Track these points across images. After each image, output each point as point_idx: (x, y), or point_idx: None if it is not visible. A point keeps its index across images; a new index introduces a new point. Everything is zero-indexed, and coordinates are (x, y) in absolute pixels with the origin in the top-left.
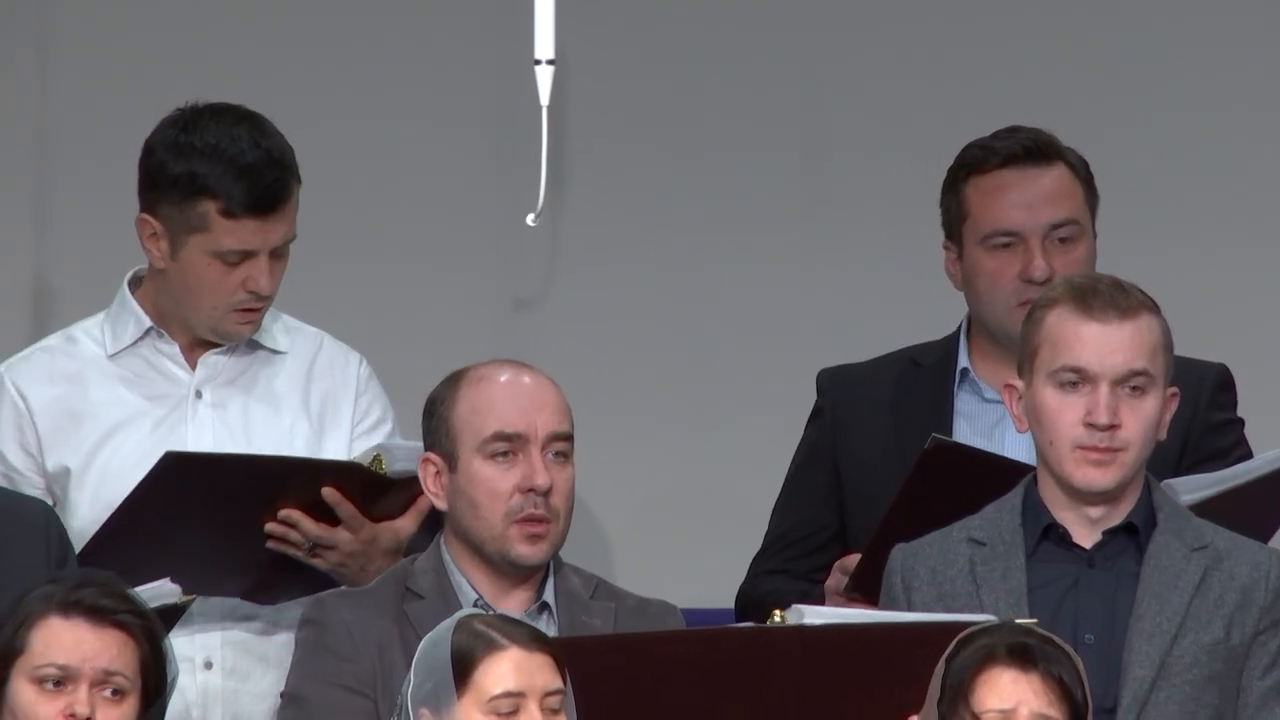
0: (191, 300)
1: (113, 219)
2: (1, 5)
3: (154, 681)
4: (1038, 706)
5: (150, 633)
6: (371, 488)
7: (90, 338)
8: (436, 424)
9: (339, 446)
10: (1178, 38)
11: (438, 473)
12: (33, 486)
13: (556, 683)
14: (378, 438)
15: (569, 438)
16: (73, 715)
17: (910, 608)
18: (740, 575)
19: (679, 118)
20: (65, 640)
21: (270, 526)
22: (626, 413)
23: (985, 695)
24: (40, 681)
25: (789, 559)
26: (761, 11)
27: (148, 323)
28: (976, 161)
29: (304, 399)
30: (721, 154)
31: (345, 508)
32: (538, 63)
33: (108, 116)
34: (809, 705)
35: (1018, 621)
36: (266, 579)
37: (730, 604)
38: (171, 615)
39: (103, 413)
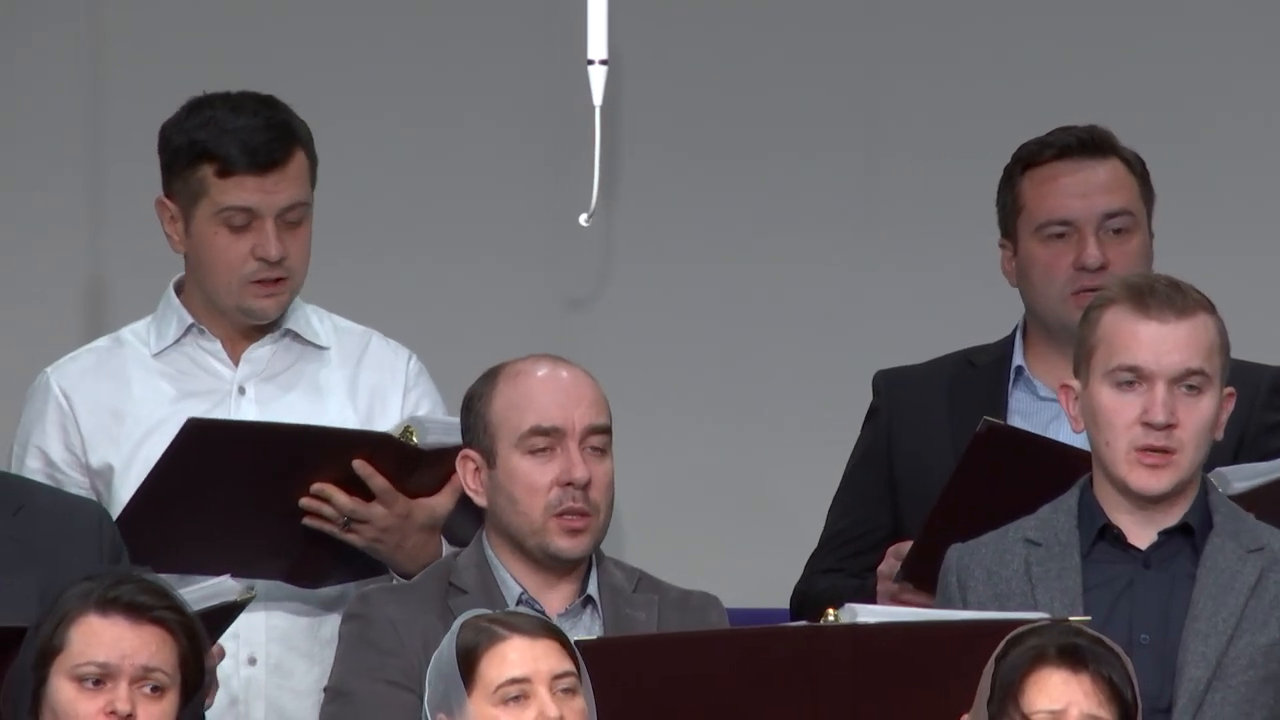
0: (209, 276)
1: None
2: (55, 4)
3: (193, 677)
4: (1088, 707)
5: (188, 628)
6: (405, 461)
7: (136, 338)
8: (474, 420)
9: None
10: (1238, 44)
11: (477, 469)
12: (76, 485)
13: (565, 665)
14: None
15: (607, 431)
16: (113, 713)
17: (966, 607)
18: (790, 575)
19: (732, 118)
20: (104, 638)
21: (304, 501)
22: (678, 412)
23: (1035, 696)
24: (80, 680)
25: (844, 557)
26: (816, 11)
27: (189, 320)
28: (1031, 155)
29: (350, 392)
30: (774, 154)
31: (377, 480)
32: (591, 63)
33: (161, 115)
34: (862, 704)
35: (1068, 620)
36: (307, 559)
37: (778, 604)
38: (232, 611)
39: (145, 410)
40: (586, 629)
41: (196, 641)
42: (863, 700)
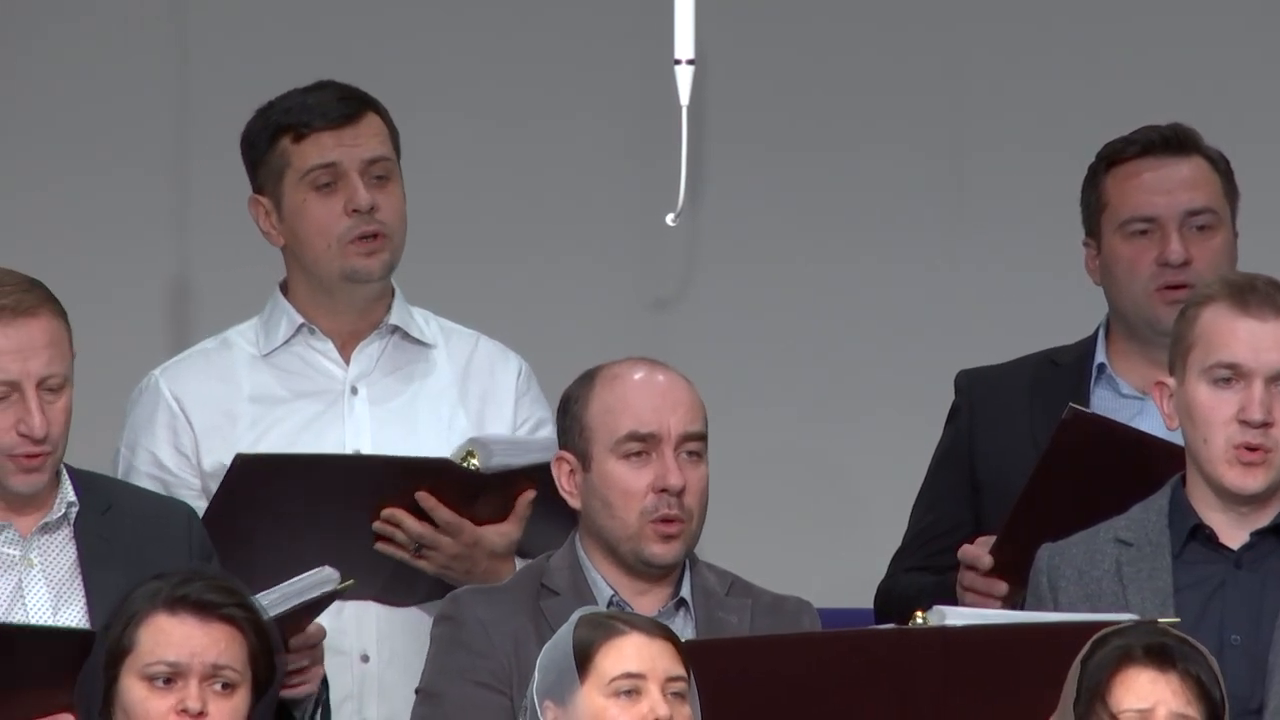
0: (308, 248)
1: (250, 221)
2: (142, 7)
3: (264, 673)
4: (1176, 706)
5: (257, 624)
6: (468, 486)
7: (244, 339)
8: (570, 423)
9: None
10: None
11: (571, 471)
12: (187, 487)
13: (678, 669)
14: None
15: (702, 437)
16: (184, 711)
17: (1057, 607)
18: (875, 573)
19: (818, 117)
20: (173, 637)
21: (376, 526)
22: (765, 411)
23: (1123, 695)
24: (150, 679)
25: (927, 556)
26: (902, 9)
27: (299, 320)
28: (1115, 153)
29: (461, 394)
30: (861, 153)
31: (441, 513)
32: (678, 63)
33: (246, 118)
34: (951, 706)
35: (1157, 621)
36: (396, 579)
37: (864, 603)
38: (330, 599)
39: (258, 411)
40: (679, 632)
41: (266, 637)
42: (952, 702)
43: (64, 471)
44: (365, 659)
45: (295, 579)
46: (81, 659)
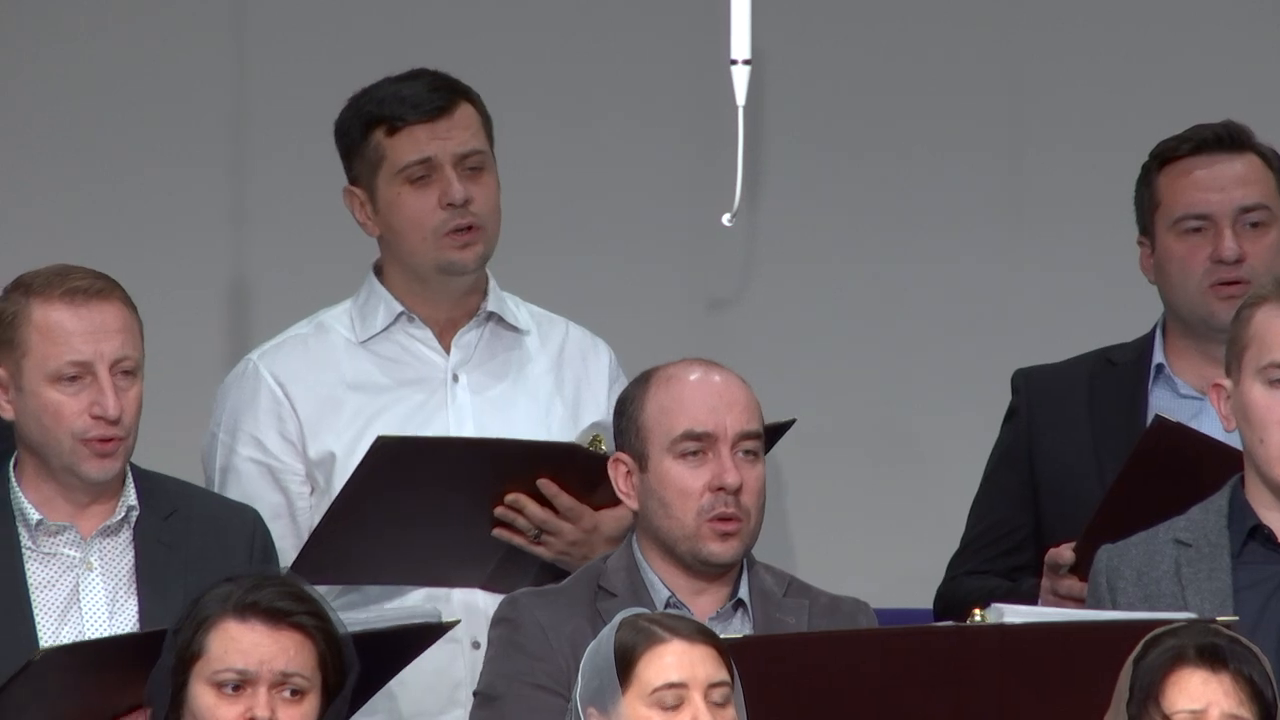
0: (404, 241)
1: (309, 215)
2: (200, 9)
3: (334, 678)
4: (1228, 707)
5: (327, 631)
6: (592, 470)
7: (340, 325)
8: (627, 424)
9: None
10: None
11: (628, 472)
12: (293, 473)
13: (721, 675)
14: None
15: (759, 436)
16: (253, 718)
17: (1115, 608)
18: (932, 574)
19: (874, 117)
20: (242, 644)
21: (499, 511)
22: (820, 411)
23: (1176, 696)
24: (219, 685)
25: (987, 559)
26: (959, 9)
27: (398, 308)
28: (1168, 151)
29: (558, 382)
30: (917, 154)
31: (563, 499)
32: (734, 63)
33: (305, 117)
34: (1008, 704)
35: (1211, 620)
36: (503, 568)
37: (921, 604)
38: (434, 632)
39: (362, 399)
40: (737, 634)
41: (335, 644)
42: (1009, 700)
43: (129, 472)
44: (476, 645)
45: (396, 605)
46: (152, 659)
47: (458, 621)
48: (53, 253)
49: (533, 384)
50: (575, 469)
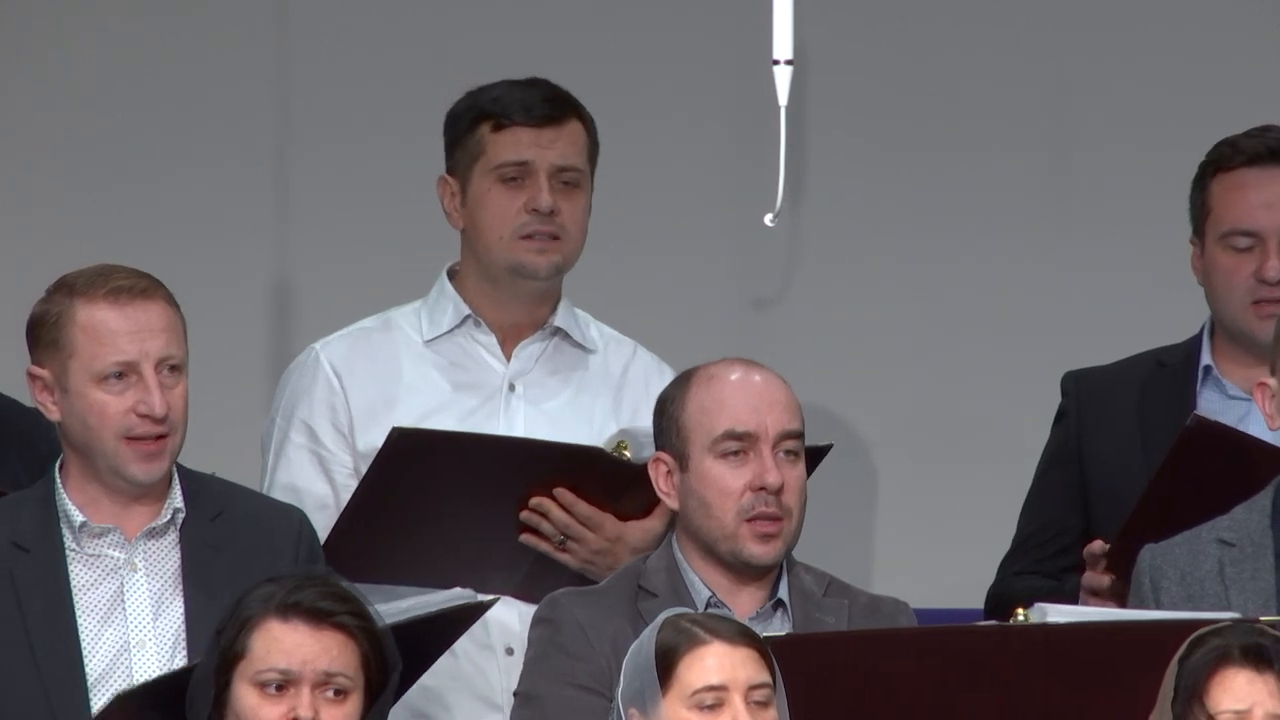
0: (482, 236)
1: (352, 214)
2: (242, 6)
3: (377, 678)
4: (1272, 707)
5: (370, 631)
6: (616, 478)
7: (407, 323)
8: (667, 424)
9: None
10: None
11: (669, 472)
12: (340, 464)
13: (762, 676)
14: None
15: (800, 436)
16: (296, 718)
17: (1159, 608)
18: (979, 574)
19: (917, 116)
20: (285, 644)
21: (523, 515)
22: (864, 411)
23: (1220, 696)
24: (262, 686)
25: (1037, 560)
26: (1003, 8)
27: (466, 310)
28: (1223, 159)
29: (615, 404)
30: (960, 152)
31: (581, 507)
32: (776, 63)
33: (347, 116)
34: (1051, 703)
35: (1256, 620)
36: (535, 573)
37: (967, 604)
38: (474, 612)
39: (416, 398)
40: (777, 633)
41: (379, 643)
42: (1052, 700)
43: (175, 473)
44: (510, 652)
45: (434, 593)
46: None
47: (496, 599)
48: (96, 252)
49: (590, 402)
50: (597, 475)
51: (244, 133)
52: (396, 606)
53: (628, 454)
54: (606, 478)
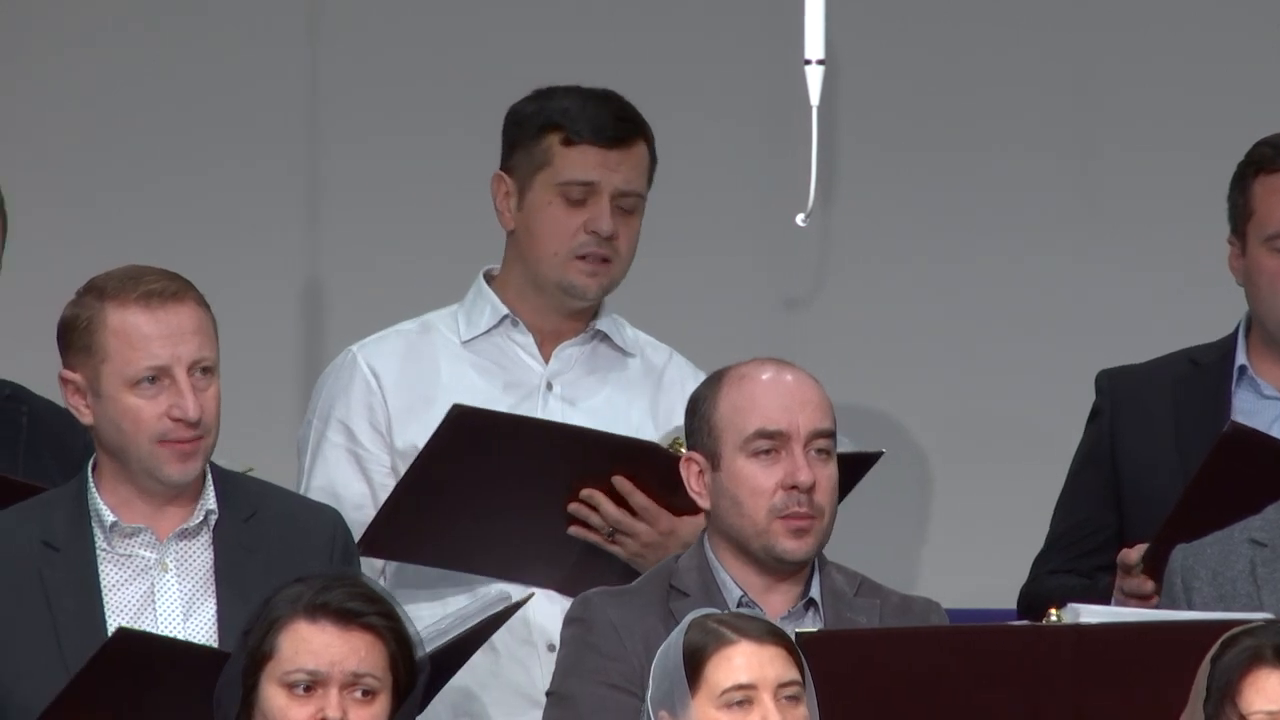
0: (536, 247)
1: (383, 215)
2: (273, 5)
3: (404, 679)
4: None
5: (397, 631)
6: (671, 473)
7: (444, 324)
8: (699, 423)
9: None
10: None
11: (700, 472)
12: (378, 463)
13: (791, 674)
14: None
15: (831, 435)
16: (324, 719)
17: (1190, 608)
18: (1012, 574)
19: (949, 116)
20: (313, 645)
21: (573, 507)
22: (897, 411)
23: (1252, 697)
24: (290, 686)
25: (1071, 559)
26: (1034, 9)
27: (504, 310)
28: (1265, 160)
29: (652, 405)
30: (993, 153)
31: (638, 498)
32: (808, 63)
33: (378, 118)
34: (1083, 703)
35: None
36: (579, 569)
37: (1000, 604)
38: (512, 610)
39: (454, 396)
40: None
41: (407, 644)
42: (1084, 700)
43: (208, 474)
44: (552, 649)
45: (470, 605)
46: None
47: (531, 595)
48: (127, 252)
49: (627, 404)
50: (654, 469)
51: (276, 133)
52: (438, 628)
53: (684, 451)
54: (661, 473)
